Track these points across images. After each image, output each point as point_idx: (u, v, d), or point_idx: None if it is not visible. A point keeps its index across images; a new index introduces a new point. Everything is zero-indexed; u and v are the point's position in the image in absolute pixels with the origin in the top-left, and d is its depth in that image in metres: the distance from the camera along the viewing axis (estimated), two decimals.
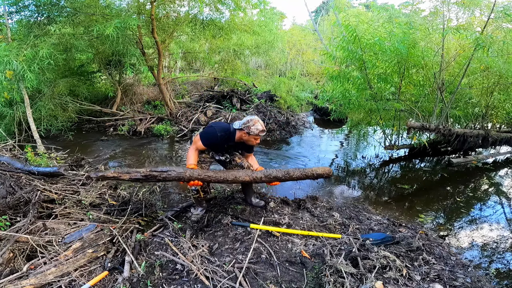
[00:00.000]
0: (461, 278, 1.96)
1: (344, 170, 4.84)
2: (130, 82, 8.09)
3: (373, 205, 3.52)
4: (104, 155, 4.97)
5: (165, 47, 6.77)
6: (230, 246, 2.27)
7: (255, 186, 3.90)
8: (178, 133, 6.33)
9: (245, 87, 8.47)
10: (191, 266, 1.96)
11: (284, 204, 3.04)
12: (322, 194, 3.78)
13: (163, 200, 3.34)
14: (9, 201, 2.47)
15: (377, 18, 5.09)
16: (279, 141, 6.21)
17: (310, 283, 1.90)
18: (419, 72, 4.50)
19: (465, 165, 4.96)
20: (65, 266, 1.94)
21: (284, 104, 7.95)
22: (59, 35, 4.98)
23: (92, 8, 5.02)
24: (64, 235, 2.33)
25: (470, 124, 5.25)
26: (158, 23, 5.93)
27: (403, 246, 2.25)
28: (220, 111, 7.04)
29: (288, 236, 2.44)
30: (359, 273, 1.81)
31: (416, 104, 4.68)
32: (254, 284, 1.87)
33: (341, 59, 4.53)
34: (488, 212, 3.46)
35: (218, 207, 2.94)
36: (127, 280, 1.90)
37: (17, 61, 4.03)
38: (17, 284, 1.75)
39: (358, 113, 5.29)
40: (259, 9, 8.09)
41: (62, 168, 3.22)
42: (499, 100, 4.69)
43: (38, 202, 2.61)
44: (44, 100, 5.41)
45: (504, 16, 3.75)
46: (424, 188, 4.14)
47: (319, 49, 12.35)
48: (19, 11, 4.91)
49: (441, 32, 4.05)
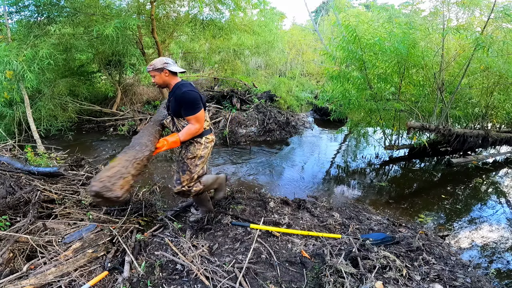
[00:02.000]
0: (461, 278, 1.95)
1: (344, 170, 4.84)
2: (130, 82, 8.09)
3: (373, 205, 3.52)
4: (104, 155, 4.97)
5: (165, 47, 6.78)
6: (230, 246, 2.27)
7: (255, 187, 3.91)
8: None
9: (245, 87, 8.47)
10: (191, 266, 1.96)
11: (284, 204, 3.04)
12: (322, 194, 3.78)
13: (163, 200, 3.34)
14: (9, 201, 2.47)
15: (377, 18, 5.10)
16: (279, 141, 6.21)
17: (310, 283, 1.90)
18: (419, 72, 4.50)
19: (465, 165, 4.96)
20: (65, 266, 1.94)
21: (284, 104, 7.95)
22: (59, 35, 4.99)
23: (92, 8, 5.02)
24: (64, 235, 2.33)
25: (470, 124, 5.25)
26: (158, 23, 5.94)
27: (403, 246, 2.25)
28: (220, 111, 7.04)
29: (288, 236, 2.44)
30: (359, 273, 1.81)
31: (416, 104, 4.68)
32: (254, 284, 1.87)
33: (341, 59, 4.53)
34: (488, 212, 3.46)
35: (218, 207, 2.94)
36: (127, 280, 1.90)
37: (17, 61, 4.03)
38: (17, 284, 1.75)
39: (358, 113, 5.29)
40: (259, 9, 8.10)
41: (62, 168, 3.22)
42: (499, 100, 4.69)
43: (38, 202, 2.61)
44: (44, 100, 5.41)
45: (504, 16, 3.75)
46: (424, 188, 4.14)
47: (319, 49, 12.35)
48: (19, 11, 4.91)
49: (441, 32, 4.05)
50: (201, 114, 2.10)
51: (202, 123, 2.13)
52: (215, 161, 4.92)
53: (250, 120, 6.69)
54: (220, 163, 4.84)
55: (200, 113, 2.09)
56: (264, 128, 6.47)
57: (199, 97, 2.09)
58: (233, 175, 4.34)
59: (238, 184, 3.94)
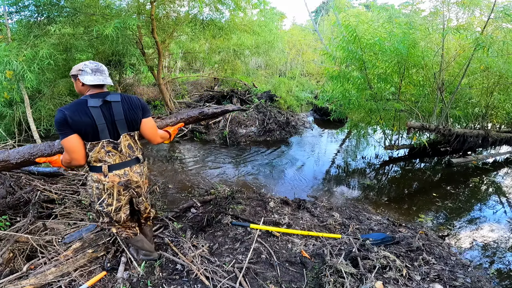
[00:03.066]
0: (461, 278, 1.95)
1: (344, 170, 4.84)
2: (130, 82, 8.10)
3: (373, 205, 3.52)
4: None
5: (165, 47, 6.77)
6: (230, 246, 2.27)
7: (255, 187, 3.91)
8: (178, 133, 6.34)
9: (245, 87, 8.48)
10: (191, 266, 1.96)
11: (284, 204, 3.04)
12: (322, 194, 3.78)
13: (163, 200, 3.34)
14: (9, 201, 2.47)
15: (377, 18, 5.10)
16: (279, 141, 6.21)
17: (310, 283, 1.90)
18: (419, 72, 4.50)
19: (465, 165, 4.96)
20: (65, 266, 1.94)
21: (284, 104, 7.96)
22: (59, 35, 4.98)
23: (92, 8, 5.01)
24: (64, 235, 2.33)
25: (470, 124, 5.25)
26: (158, 23, 5.93)
27: (403, 246, 2.25)
28: None
29: (288, 236, 2.44)
30: (359, 273, 1.81)
31: (416, 104, 4.68)
32: (254, 284, 1.87)
33: (341, 59, 4.53)
34: (488, 212, 3.45)
35: (218, 207, 2.94)
36: (127, 280, 1.90)
37: (17, 61, 4.03)
38: (17, 284, 1.75)
39: (358, 113, 5.29)
40: (259, 9, 8.10)
41: (62, 168, 3.22)
42: (499, 100, 4.69)
43: (38, 202, 2.61)
44: (44, 100, 5.41)
45: (504, 16, 3.75)
46: (424, 188, 4.14)
47: (319, 49, 12.35)
48: (19, 11, 4.90)
49: (441, 32, 4.05)
50: (66, 142, 1.48)
51: (72, 155, 1.51)
52: (215, 161, 4.92)
53: (250, 120, 6.69)
54: (221, 163, 4.84)
55: (65, 141, 1.48)
56: (264, 128, 6.48)
57: (64, 120, 1.43)
58: (233, 175, 4.34)
59: (238, 184, 3.94)
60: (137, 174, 1.72)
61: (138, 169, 1.73)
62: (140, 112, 1.68)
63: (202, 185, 3.83)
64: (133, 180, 1.70)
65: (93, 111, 1.50)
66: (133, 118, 1.65)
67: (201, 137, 6.24)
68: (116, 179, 1.63)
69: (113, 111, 1.57)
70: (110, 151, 1.59)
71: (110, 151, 1.59)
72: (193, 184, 3.88)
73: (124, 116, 1.60)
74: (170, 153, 5.28)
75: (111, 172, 1.62)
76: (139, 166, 1.74)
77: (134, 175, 1.70)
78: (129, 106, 1.63)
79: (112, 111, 1.56)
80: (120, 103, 1.59)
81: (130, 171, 1.68)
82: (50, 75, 4.94)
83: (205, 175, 4.25)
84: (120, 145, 1.62)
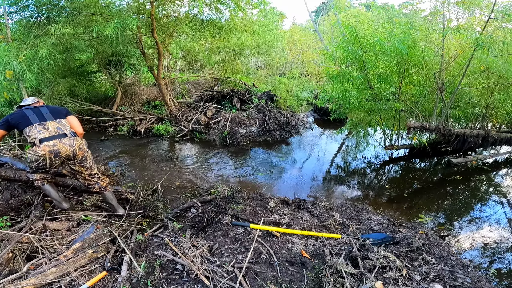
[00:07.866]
0: (461, 278, 1.96)
1: (344, 170, 4.84)
2: (130, 82, 8.09)
3: (373, 205, 3.52)
4: (104, 155, 4.97)
5: (165, 47, 6.77)
6: (230, 246, 2.27)
7: (255, 187, 3.91)
8: (178, 133, 6.33)
9: (245, 87, 8.47)
10: (191, 266, 1.96)
11: (284, 204, 3.04)
12: (322, 194, 3.78)
13: (163, 200, 3.34)
14: (11, 202, 2.50)
15: (377, 18, 5.10)
16: (279, 141, 6.21)
17: (310, 283, 1.90)
18: (419, 72, 4.50)
19: (465, 165, 4.96)
20: (65, 266, 1.94)
21: (284, 104, 7.95)
22: (59, 35, 4.98)
23: (92, 8, 5.01)
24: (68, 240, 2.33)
25: (470, 124, 5.24)
26: (158, 23, 5.93)
27: (403, 246, 2.25)
28: (220, 111, 7.04)
29: (288, 236, 2.44)
30: (359, 273, 1.81)
31: (416, 104, 4.68)
32: (254, 284, 1.87)
33: (341, 59, 4.53)
34: (488, 212, 3.46)
35: (218, 207, 2.94)
36: (127, 280, 1.90)
37: (17, 61, 4.03)
38: (17, 284, 1.75)
39: (358, 113, 5.29)
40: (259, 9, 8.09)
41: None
42: (499, 100, 4.69)
43: (40, 203, 2.62)
44: (44, 100, 5.40)
45: (504, 16, 3.75)
46: (424, 188, 4.14)
47: (319, 49, 12.34)
48: (19, 11, 4.91)
49: (441, 32, 4.05)
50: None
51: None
52: (215, 161, 4.92)
53: (250, 120, 6.69)
54: (221, 163, 4.84)
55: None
56: (264, 128, 6.48)
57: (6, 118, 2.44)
58: (233, 175, 4.35)
59: (238, 184, 3.94)
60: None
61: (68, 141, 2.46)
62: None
63: (202, 185, 3.83)
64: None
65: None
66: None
67: (201, 137, 6.24)
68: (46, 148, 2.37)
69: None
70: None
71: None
72: (193, 184, 3.88)
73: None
74: (170, 153, 5.28)
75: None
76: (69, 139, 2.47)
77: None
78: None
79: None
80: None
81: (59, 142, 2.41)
82: (50, 75, 4.94)
83: (205, 175, 4.25)
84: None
